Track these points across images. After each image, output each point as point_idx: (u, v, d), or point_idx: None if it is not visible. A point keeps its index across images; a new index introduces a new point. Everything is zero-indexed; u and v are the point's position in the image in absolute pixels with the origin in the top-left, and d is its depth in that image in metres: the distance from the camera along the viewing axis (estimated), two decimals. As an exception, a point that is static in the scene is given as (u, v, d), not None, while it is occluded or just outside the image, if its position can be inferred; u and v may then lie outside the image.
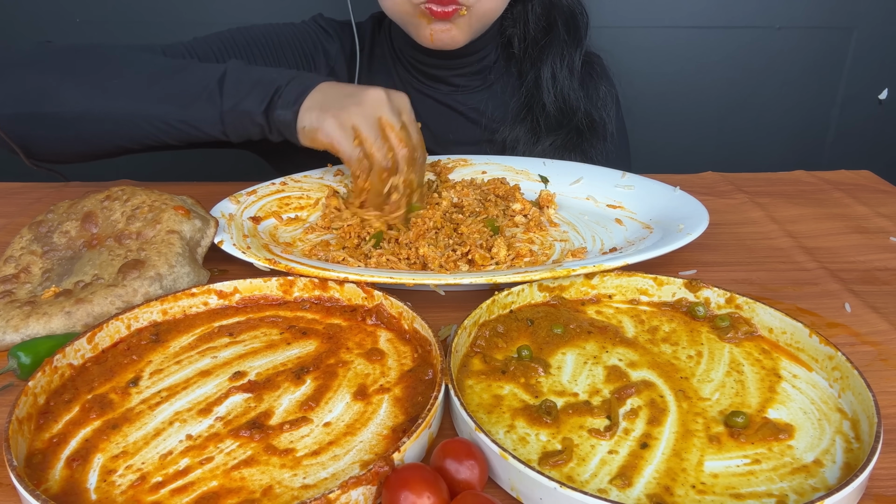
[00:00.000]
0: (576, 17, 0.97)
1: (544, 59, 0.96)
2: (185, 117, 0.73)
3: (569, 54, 0.96)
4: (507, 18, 0.97)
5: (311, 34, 0.96)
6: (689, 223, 0.69)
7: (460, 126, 0.99)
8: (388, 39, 0.98)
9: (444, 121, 0.98)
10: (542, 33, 0.97)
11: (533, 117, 0.97)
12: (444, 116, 0.98)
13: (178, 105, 0.73)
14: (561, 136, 0.96)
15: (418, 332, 0.54)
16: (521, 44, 0.98)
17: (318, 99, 0.71)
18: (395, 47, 0.98)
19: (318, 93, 0.71)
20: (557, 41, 0.96)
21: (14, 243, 0.66)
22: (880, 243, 0.77)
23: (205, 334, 0.56)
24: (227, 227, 0.69)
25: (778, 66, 1.43)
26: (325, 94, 0.71)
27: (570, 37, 0.96)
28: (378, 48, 1.00)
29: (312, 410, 0.47)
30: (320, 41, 0.97)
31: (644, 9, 1.36)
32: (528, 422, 0.46)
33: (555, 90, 0.96)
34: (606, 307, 0.60)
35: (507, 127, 0.97)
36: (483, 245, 0.67)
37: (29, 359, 0.51)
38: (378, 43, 1.00)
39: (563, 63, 0.96)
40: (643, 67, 1.39)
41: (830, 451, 0.44)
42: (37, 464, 0.42)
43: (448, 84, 0.97)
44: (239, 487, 0.40)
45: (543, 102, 0.96)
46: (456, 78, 0.97)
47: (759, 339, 0.55)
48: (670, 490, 0.40)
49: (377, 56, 0.99)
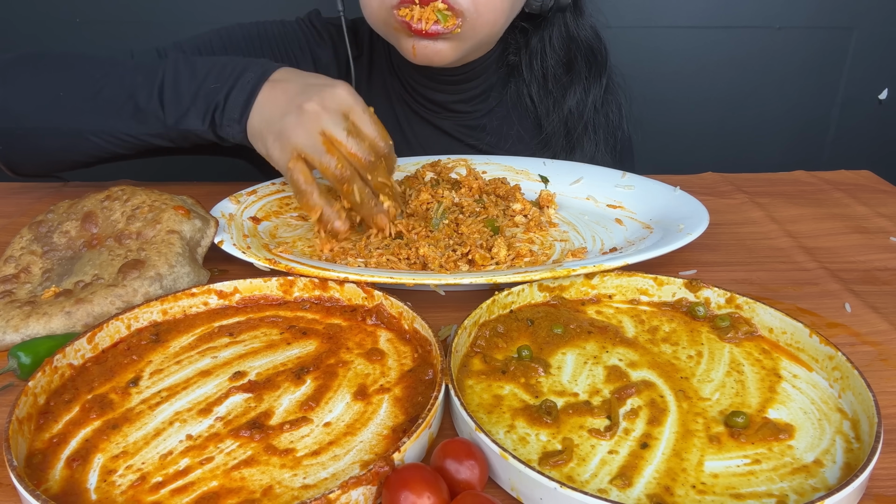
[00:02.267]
0: (594, 51, 0.92)
1: (567, 96, 0.92)
2: (131, 131, 0.68)
3: (592, 91, 0.92)
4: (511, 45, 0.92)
5: (299, 35, 0.90)
6: (689, 223, 0.69)
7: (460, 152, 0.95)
8: (386, 48, 0.91)
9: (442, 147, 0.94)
10: (562, 70, 0.92)
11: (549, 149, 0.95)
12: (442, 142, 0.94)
13: (122, 118, 0.67)
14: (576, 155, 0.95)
15: (418, 332, 0.54)
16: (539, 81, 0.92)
17: (262, 115, 0.65)
18: (393, 64, 0.92)
19: (261, 106, 0.65)
20: (579, 79, 0.92)
21: (14, 243, 0.66)
22: (880, 243, 0.77)
23: (205, 334, 0.56)
24: (227, 227, 0.69)
25: (778, 66, 1.43)
26: (269, 104, 0.65)
27: (590, 73, 0.92)
28: (376, 54, 0.93)
29: (312, 410, 0.47)
30: (309, 44, 0.90)
31: (644, 9, 1.36)
32: (529, 422, 0.46)
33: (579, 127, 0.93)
34: (606, 307, 0.60)
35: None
36: (483, 245, 0.67)
37: (29, 359, 0.51)
38: (376, 48, 0.93)
39: (587, 100, 0.92)
40: (643, 67, 1.39)
41: (830, 451, 0.44)
42: (37, 464, 0.42)
43: (448, 109, 0.93)
44: (239, 487, 0.40)
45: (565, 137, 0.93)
46: (457, 104, 0.92)
47: (760, 339, 0.55)
48: (670, 490, 0.40)
49: (375, 64, 0.93)
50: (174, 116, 0.66)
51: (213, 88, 0.65)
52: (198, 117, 0.66)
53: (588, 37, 0.92)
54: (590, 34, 0.93)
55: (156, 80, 0.66)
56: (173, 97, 0.66)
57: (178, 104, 0.66)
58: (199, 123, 0.66)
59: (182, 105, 0.66)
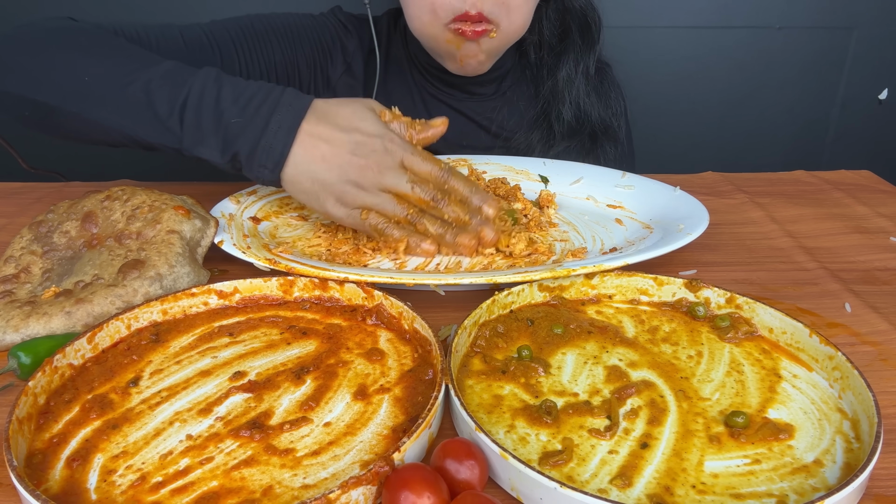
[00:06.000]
0: (588, 22, 0.96)
1: (560, 66, 0.96)
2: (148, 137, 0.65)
3: (584, 60, 0.96)
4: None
5: (329, 27, 0.95)
6: (689, 223, 0.69)
7: (474, 133, 0.99)
8: (404, 40, 0.98)
9: (458, 127, 0.97)
10: (557, 40, 0.96)
11: (548, 124, 0.97)
12: (458, 123, 0.98)
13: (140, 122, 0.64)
14: (575, 141, 0.96)
15: (418, 332, 0.54)
16: (536, 51, 0.97)
17: (311, 174, 0.63)
18: (410, 51, 0.97)
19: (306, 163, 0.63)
20: (573, 47, 0.96)
21: (14, 243, 0.66)
22: (880, 243, 0.77)
23: (205, 334, 0.56)
24: (227, 227, 0.69)
25: (778, 65, 1.43)
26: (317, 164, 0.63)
27: (584, 42, 0.96)
28: (394, 48, 0.99)
29: (312, 410, 0.47)
30: (339, 35, 0.96)
31: (644, 9, 1.36)
32: (529, 422, 0.46)
33: (571, 97, 0.96)
34: (606, 307, 0.60)
35: (523, 134, 0.97)
36: (505, 230, 0.68)
37: (29, 359, 0.51)
38: (394, 42, 0.99)
39: (578, 69, 0.96)
40: (643, 67, 1.39)
41: (830, 451, 0.44)
42: (37, 464, 0.42)
43: (464, 91, 0.97)
44: (239, 487, 0.40)
45: (560, 110, 0.96)
46: (472, 86, 0.97)
47: (760, 339, 0.55)
48: (670, 490, 0.40)
49: (393, 57, 0.98)
50: (191, 140, 0.64)
51: (234, 123, 0.63)
52: (216, 149, 0.64)
53: (583, 5, 0.97)
54: (584, 2, 0.97)
55: (180, 96, 0.63)
56: (193, 120, 0.63)
57: (197, 130, 0.63)
58: (216, 156, 0.64)
59: (201, 132, 0.63)
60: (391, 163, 0.64)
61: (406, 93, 0.98)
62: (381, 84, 0.96)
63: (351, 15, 0.98)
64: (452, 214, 0.66)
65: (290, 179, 0.64)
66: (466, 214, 0.66)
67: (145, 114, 0.64)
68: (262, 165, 0.63)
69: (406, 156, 0.65)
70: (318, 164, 0.63)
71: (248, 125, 0.63)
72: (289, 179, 0.64)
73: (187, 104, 0.63)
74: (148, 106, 0.64)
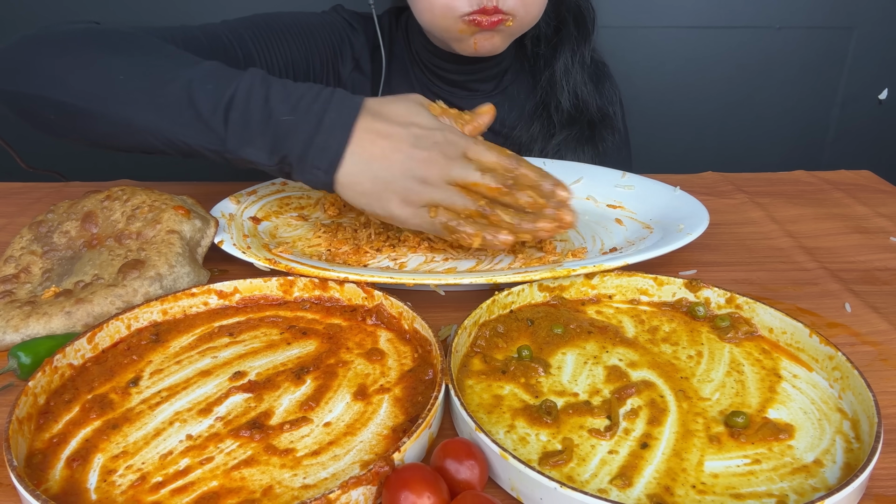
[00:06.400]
0: (583, 12, 0.98)
1: (557, 56, 0.97)
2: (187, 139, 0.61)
3: (580, 50, 0.97)
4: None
5: (337, 25, 0.96)
6: (689, 223, 0.69)
7: None
8: (406, 38, 0.98)
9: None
10: (552, 32, 0.97)
11: (547, 115, 0.98)
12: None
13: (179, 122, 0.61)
14: (575, 130, 0.97)
15: (418, 332, 0.54)
16: (533, 44, 0.98)
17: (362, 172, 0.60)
18: (412, 50, 0.97)
19: (365, 161, 0.60)
20: (568, 38, 0.97)
21: (14, 243, 0.66)
22: (880, 243, 0.77)
23: (205, 334, 0.56)
24: (227, 227, 0.69)
25: (778, 65, 1.43)
26: (377, 161, 0.60)
27: (579, 32, 0.97)
28: (396, 47, 0.99)
29: (312, 410, 0.47)
30: (346, 33, 0.96)
31: (644, 9, 1.36)
32: (529, 422, 0.46)
33: (568, 87, 0.97)
34: (606, 307, 0.60)
35: (524, 127, 0.98)
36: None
37: (29, 359, 0.51)
38: (396, 41, 0.99)
39: (574, 59, 0.97)
40: (643, 67, 1.39)
41: (830, 451, 0.44)
42: (37, 464, 0.42)
43: (465, 89, 0.97)
44: (239, 487, 0.40)
45: (558, 100, 0.97)
46: (474, 83, 0.97)
47: (760, 339, 0.55)
48: (670, 490, 0.40)
49: (396, 56, 0.99)
50: (236, 141, 0.60)
51: (284, 121, 0.59)
52: (263, 150, 0.60)
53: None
54: None
55: (225, 95, 0.60)
56: (240, 120, 0.59)
57: (245, 129, 0.60)
58: (263, 158, 0.60)
59: (248, 132, 0.60)
60: (455, 153, 0.61)
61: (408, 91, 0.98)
62: (386, 82, 0.97)
63: (354, 12, 0.99)
64: (528, 200, 0.62)
65: (347, 181, 0.60)
66: (541, 199, 0.63)
67: (186, 113, 0.60)
68: (315, 167, 0.60)
69: (469, 146, 0.62)
70: (378, 162, 0.60)
71: (300, 123, 0.59)
72: (345, 181, 0.60)
73: (233, 103, 0.59)
74: (189, 105, 0.60)
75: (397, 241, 0.70)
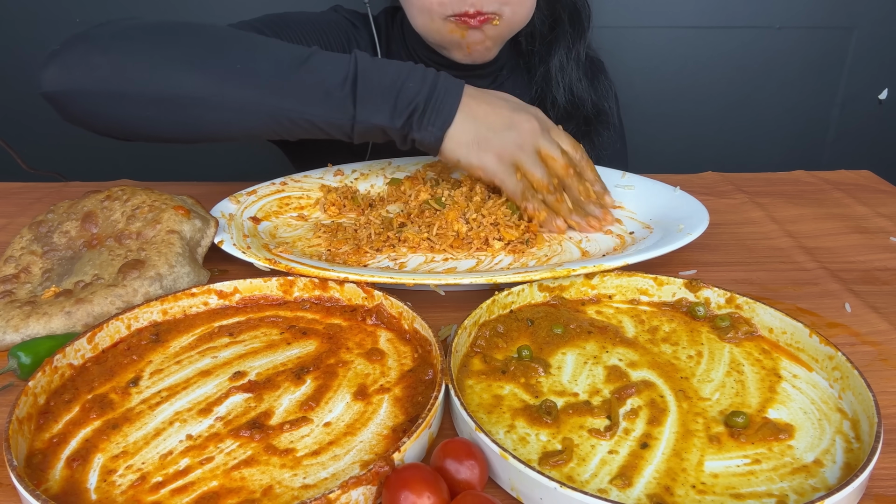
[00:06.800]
0: (578, 10, 0.98)
1: (552, 53, 0.97)
2: (312, 117, 0.68)
3: (575, 47, 0.98)
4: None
5: (342, 24, 0.97)
6: (689, 223, 0.69)
7: None
8: (402, 37, 0.99)
9: None
10: (548, 29, 0.98)
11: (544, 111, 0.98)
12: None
13: (306, 102, 0.67)
14: (571, 126, 0.98)
15: (418, 332, 0.54)
16: (528, 41, 0.99)
17: (468, 128, 0.70)
18: (409, 48, 0.98)
19: (473, 118, 0.70)
20: (563, 35, 0.97)
21: (14, 243, 0.66)
22: (880, 243, 0.77)
23: (205, 334, 0.56)
24: (227, 227, 0.69)
25: (778, 66, 1.43)
26: (483, 119, 0.70)
27: (574, 29, 0.98)
28: (394, 45, 1.00)
29: (312, 410, 0.47)
30: (350, 31, 0.97)
31: (644, 9, 1.36)
32: (529, 422, 0.46)
33: (564, 83, 0.98)
34: (606, 307, 0.60)
35: None
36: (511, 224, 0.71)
37: (29, 359, 0.51)
38: (393, 40, 1.00)
39: (569, 56, 0.98)
40: (643, 67, 1.39)
41: (830, 451, 0.44)
42: (37, 464, 0.42)
43: None
44: (239, 487, 0.40)
45: (554, 96, 0.98)
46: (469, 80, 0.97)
47: (760, 339, 0.55)
48: (670, 490, 0.40)
49: (394, 53, 1.00)
50: (365, 112, 0.67)
51: (410, 88, 0.68)
52: (392, 114, 0.68)
53: None
54: None
55: (348, 70, 0.68)
56: (367, 91, 0.67)
57: (372, 99, 0.67)
58: (390, 120, 0.68)
59: (375, 100, 0.67)
60: (545, 128, 0.72)
61: None
62: None
63: (354, 11, 1.00)
64: (581, 190, 0.74)
65: (454, 137, 0.69)
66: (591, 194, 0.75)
67: (314, 91, 0.67)
68: (431, 124, 0.68)
69: (553, 128, 0.74)
70: (482, 120, 0.70)
71: (421, 88, 0.68)
72: (453, 136, 0.69)
73: (358, 77, 0.67)
74: (316, 84, 0.67)
75: (397, 241, 0.70)
